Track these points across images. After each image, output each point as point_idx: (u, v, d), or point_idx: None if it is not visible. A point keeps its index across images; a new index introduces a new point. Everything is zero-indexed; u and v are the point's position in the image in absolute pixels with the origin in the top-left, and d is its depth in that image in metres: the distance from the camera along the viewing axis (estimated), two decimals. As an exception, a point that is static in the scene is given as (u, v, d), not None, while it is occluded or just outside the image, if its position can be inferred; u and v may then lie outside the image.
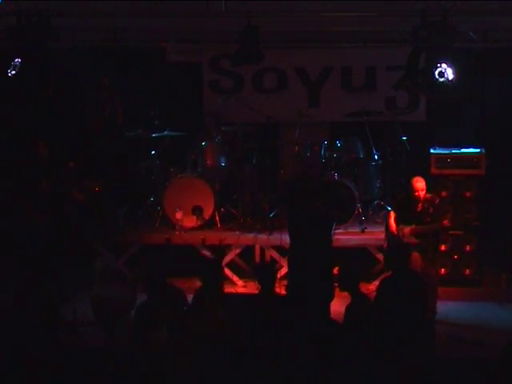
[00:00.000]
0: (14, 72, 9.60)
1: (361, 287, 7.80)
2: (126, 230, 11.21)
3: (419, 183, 9.45)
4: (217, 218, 11.19)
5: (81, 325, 8.97)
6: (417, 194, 9.42)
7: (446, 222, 9.42)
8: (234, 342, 6.96)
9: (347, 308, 7.58)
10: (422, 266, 9.15)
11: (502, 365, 5.87)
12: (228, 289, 8.43)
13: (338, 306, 8.15)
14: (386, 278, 8.44)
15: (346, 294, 7.76)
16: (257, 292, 8.00)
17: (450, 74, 9.23)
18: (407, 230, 9.36)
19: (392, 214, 9.63)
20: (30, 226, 9.79)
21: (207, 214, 10.99)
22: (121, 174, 11.60)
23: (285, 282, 8.85)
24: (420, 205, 9.44)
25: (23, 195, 9.87)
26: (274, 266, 9.42)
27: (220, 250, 8.46)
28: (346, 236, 10.69)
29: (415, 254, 9.03)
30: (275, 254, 10.61)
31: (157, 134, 11.51)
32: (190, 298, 7.87)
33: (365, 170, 11.46)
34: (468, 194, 10.64)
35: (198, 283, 7.83)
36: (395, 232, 9.44)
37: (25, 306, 7.49)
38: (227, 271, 10.78)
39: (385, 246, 9.82)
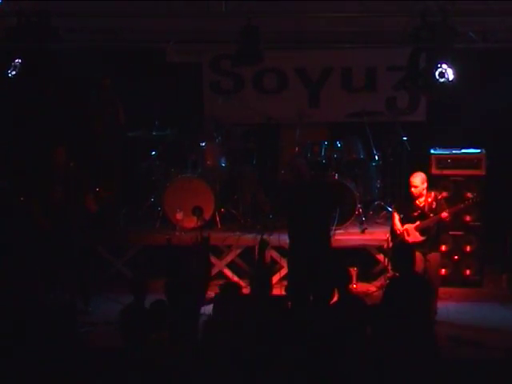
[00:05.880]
0: (14, 72, 9.59)
1: (351, 288, 7.82)
2: (126, 230, 11.22)
3: (414, 179, 9.40)
4: (217, 219, 11.18)
5: (81, 326, 8.97)
6: (411, 189, 9.39)
7: (444, 214, 9.36)
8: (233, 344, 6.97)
9: (333, 307, 7.60)
10: (422, 266, 9.16)
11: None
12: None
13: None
14: (393, 279, 8.41)
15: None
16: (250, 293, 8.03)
17: (450, 74, 9.23)
18: (412, 226, 9.37)
19: (396, 215, 9.62)
20: (36, 230, 9.69)
21: (207, 215, 10.98)
22: (121, 175, 11.59)
23: (285, 283, 8.86)
24: (420, 200, 9.40)
25: (34, 199, 9.68)
26: (270, 269, 9.43)
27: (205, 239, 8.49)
28: (346, 236, 10.68)
29: (417, 255, 9.02)
30: (275, 255, 10.61)
31: (157, 134, 11.51)
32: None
33: (365, 170, 11.45)
34: (468, 195, 10.62)
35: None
36: (399, 232, 9.43)
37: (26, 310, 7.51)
38: (227, 272, 10.79)
39: (389, 246, 9.82)
